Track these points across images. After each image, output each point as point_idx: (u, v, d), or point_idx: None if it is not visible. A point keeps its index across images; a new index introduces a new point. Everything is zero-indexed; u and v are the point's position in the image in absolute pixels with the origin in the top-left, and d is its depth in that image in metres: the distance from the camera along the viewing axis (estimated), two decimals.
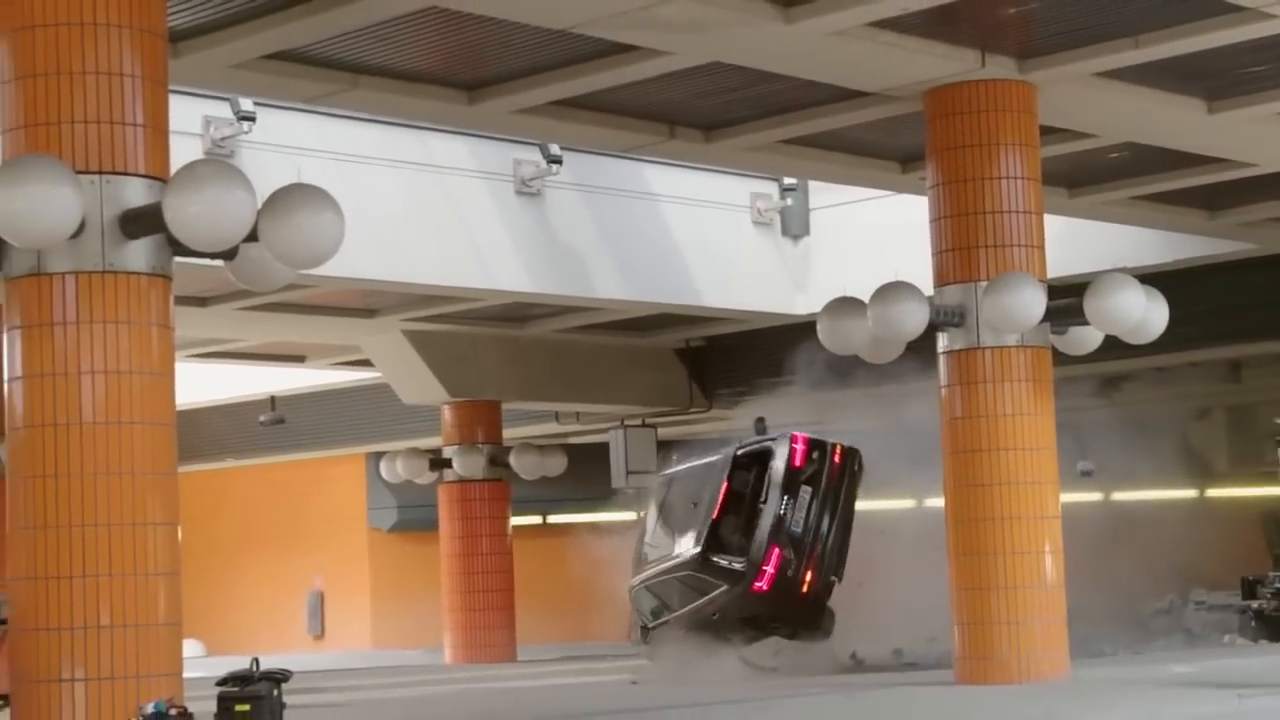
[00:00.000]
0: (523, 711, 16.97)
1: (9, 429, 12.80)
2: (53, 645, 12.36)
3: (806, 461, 20.82)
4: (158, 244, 12.68)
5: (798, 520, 20.34)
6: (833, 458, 21.06)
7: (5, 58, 12.77)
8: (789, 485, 20.60)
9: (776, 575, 19.98)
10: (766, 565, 20.00)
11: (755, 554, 20.08)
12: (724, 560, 20.18)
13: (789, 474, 20.67)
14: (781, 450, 20.87)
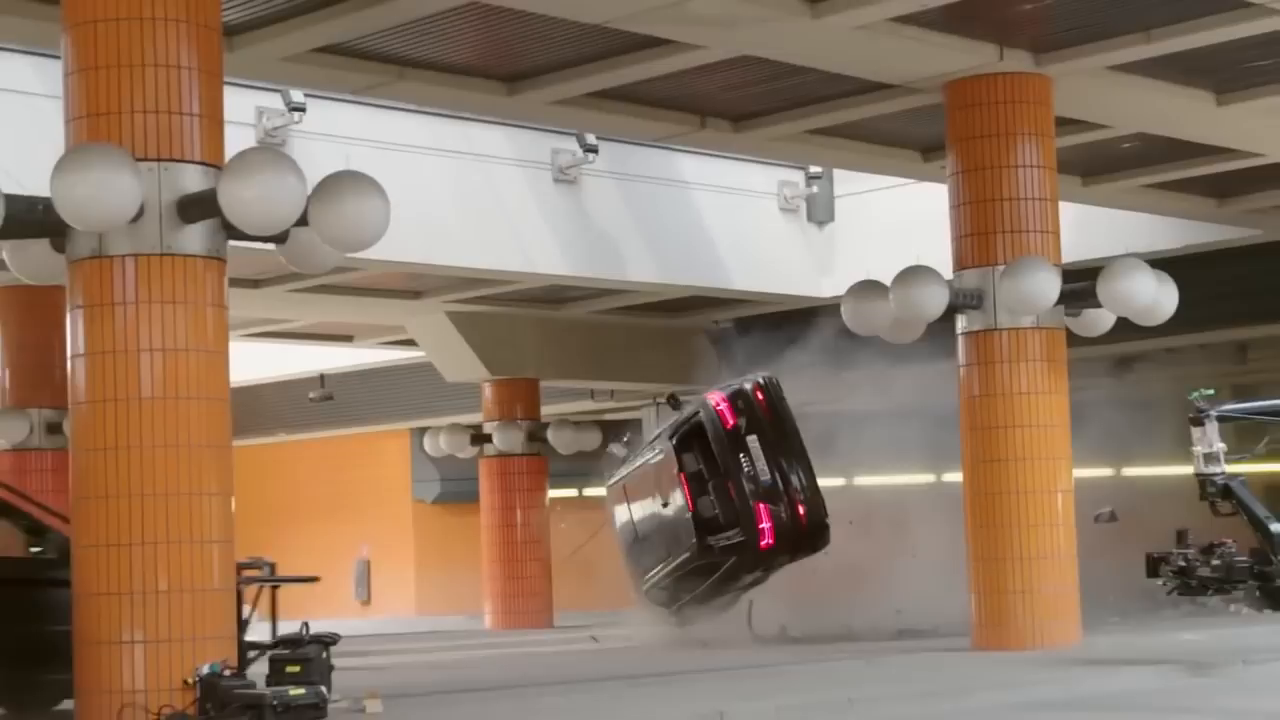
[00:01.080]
0: (557, 673, 17.01)
1: (72, 404, 12.88)
2: (114, 609, 12.43)
3: (737, 415, 20.26)
4: (213, 228, 12.73)
5: (762, 470, 19.98)
6: (757, 399, 20.47)
7: (69, 51, 12.83)
8: (736, 444, 20.08)
9: (774, 525, 19.81)
10: (761, 524, 19.79)
11: (746, 520, 19.78)
12: (721, 539, 19.92)
13: (730, 435, 20.11)
14: (709, 417, 20.32)
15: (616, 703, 13.41)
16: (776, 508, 19.82)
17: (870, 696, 13.57)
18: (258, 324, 28.86)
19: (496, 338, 28.29)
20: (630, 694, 14.19)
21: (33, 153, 14.30)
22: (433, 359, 29.59)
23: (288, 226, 12.88)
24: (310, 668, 12.68)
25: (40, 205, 12.57)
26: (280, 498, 38.90)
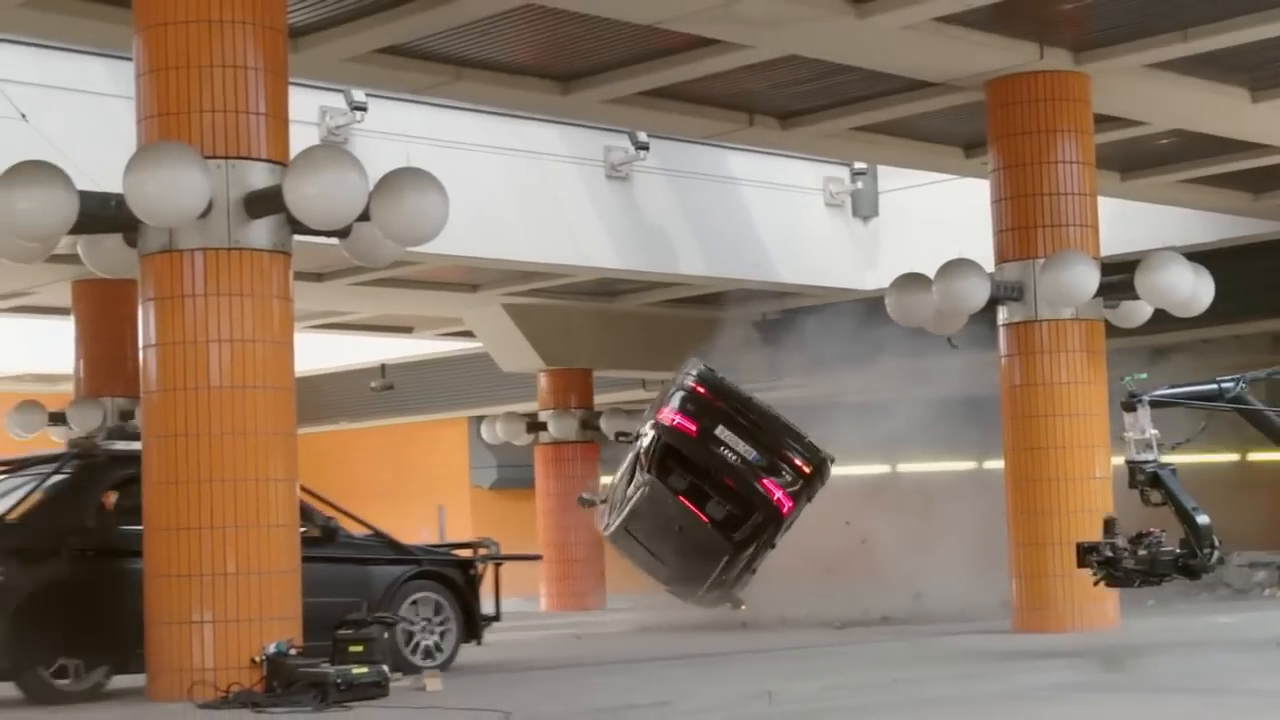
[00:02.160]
0: (608, 653, 17.01)
1: (144, 392, 12.93)
2: (184, 590, 12.49)
3: (695, 419, 19.69)
4: (278, 223, 12.78)
5: (745, 451, 19.63)
6: (702, 395, 19.99)
7: (141, 53, 12.88)
8: (709, 444, 19.56)
9: (784, 489, 19.67)
10: (774, 496, 19.62)
11: (759, 501, 19.56)
12: (747, 528, 19.77)
13: (699, 440, 19.56)
14: (673, 437, 19.67)
15: (668, 682, 13.39)
16: (778, 475, 19.68)
17: (914, 677, 13.52)
18: (321, 316, 28.93)
19: (551, 329, 28.30)
20: (678, 674, 14.18)
21: (106, 151, 14.35)
22: (490, 350, 29.62)
23: (350, 222, 12.92)
24: (372, 647, 12.72)
25: (113, 201, 12.65)
26: (343, 484, 38.95)
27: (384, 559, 15.29)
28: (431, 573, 15.52)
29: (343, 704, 11.80)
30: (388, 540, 15.55)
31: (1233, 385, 13.98)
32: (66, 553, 13.30)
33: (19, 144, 15.51)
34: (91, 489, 13.97)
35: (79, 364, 24.26)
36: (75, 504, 13.80)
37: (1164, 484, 13.69)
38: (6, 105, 17.19)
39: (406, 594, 15.17)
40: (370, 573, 15.05)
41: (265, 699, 11.94)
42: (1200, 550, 13.80)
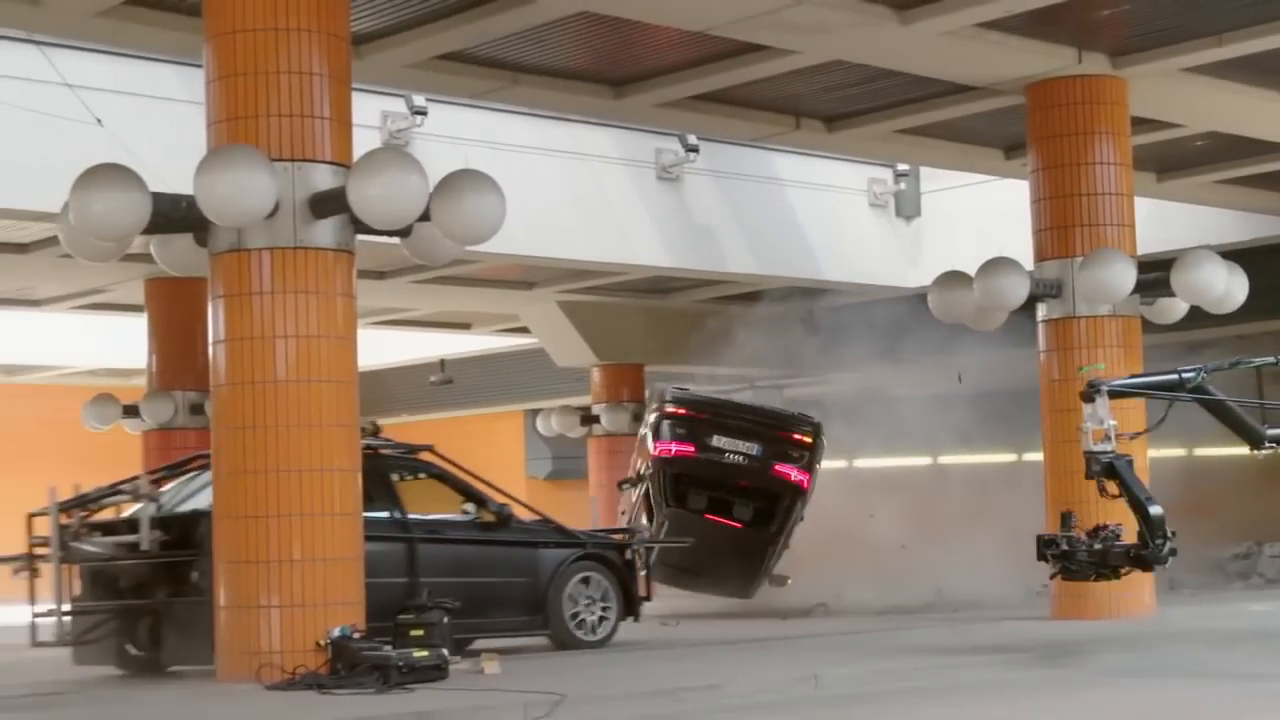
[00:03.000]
0: (659, 637, 17.01)
1: (213, 386, 13.00)
2: (252, 576, 12.55)
3: (689, 441, 19.78)
4: (342, 223, 12.82)
5: (748, 449, 19.75)
6: (685, 415, 20.04)
7: (210, 60, 12.94)
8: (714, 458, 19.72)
9: (798, 468, 19.63)
10: (791, 477, 19.61)
11: (781, 488, 19.69)
12: (780, 516, 19.74)
13: (702, 459, 19.70)
14: (679, 467, 19.79)
15: (717, 666, 13.39)
16: (786, 457, 19.64)
17: (956, 663, 13.48)
18: (383, 313, 29.03)
19: (604, 325, 28.33)
20: (726, 658, 14.17)
21: (177, 155, 14.41)
22: (545, 345, 29.66)
23: (411, 221, 12.95)
24: (433, 631, 12.75)
25: (184, 203, 12.71)
26: None
27: (552, 542, 16.03)
28: (594, 555, 16.21)
29: (404, 686, 11.82)
30: (555, 525, 16.29)
31: (1193, 375, 13.39)
32: None
33: (95, 148, 15.59)
34: None
35: (151, 359, 24.38)
36: None
37: (1119, 474, 13.16)
38: (83, 111, 17.30)
39: (572, 574, 15.90)
40: (539, 555, 15.83)
41: (330, 681, 11.98)
42: (1152, 541, 13.23)
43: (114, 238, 12.99)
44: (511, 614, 15.60)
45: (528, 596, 15.67)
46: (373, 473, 14.58)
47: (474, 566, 15.34)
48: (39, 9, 14.82)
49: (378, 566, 13.93)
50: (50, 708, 11.44)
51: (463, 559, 15.29)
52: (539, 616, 15.72)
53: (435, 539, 15.13)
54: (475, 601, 14.80)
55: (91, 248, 13.37)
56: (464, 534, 15.49)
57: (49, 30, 16.33)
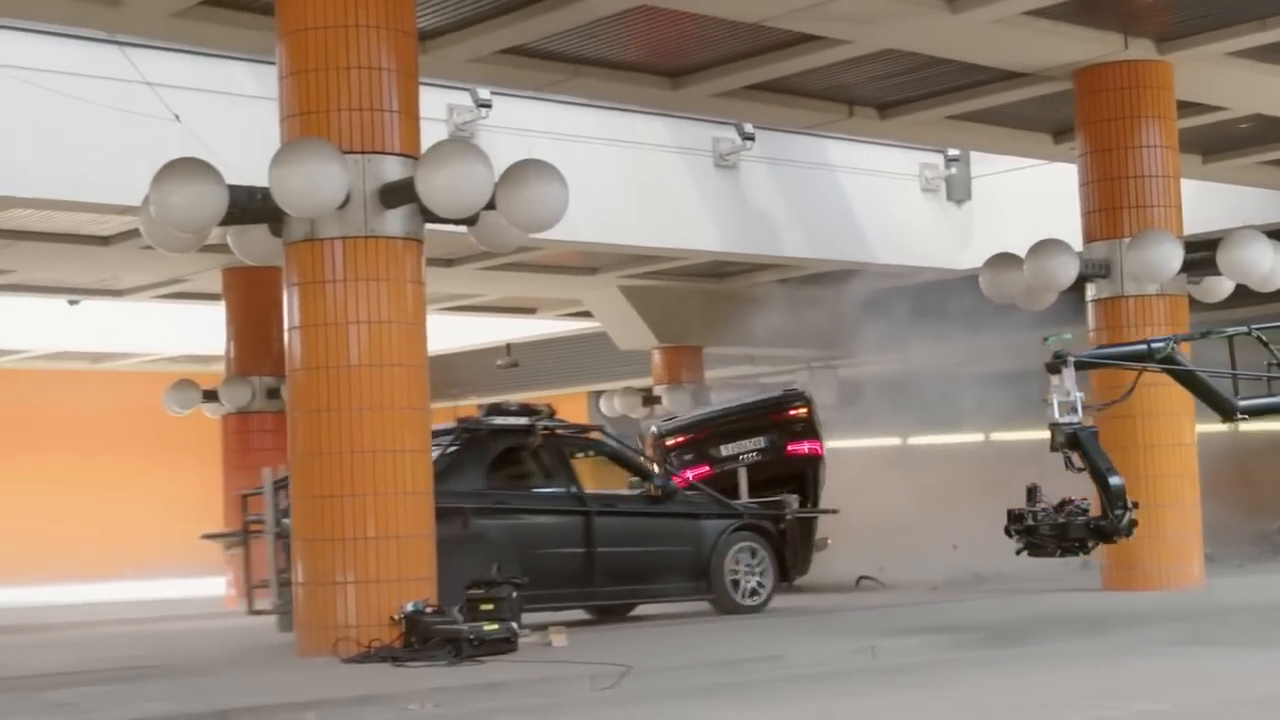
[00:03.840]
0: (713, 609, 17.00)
1: (289, 371, 13.06)
2: (328, 553, 12.61)
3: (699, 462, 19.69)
4: (411, 212, 12.84)
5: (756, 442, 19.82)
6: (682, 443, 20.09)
7: (283, 57, 12.98)
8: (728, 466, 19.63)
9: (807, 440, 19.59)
10: (805, 450, 19.56)
11: (802, 464, 19.71)
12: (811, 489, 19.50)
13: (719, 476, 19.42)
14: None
15: (777, 637, 13.37)
16: (792, 435, 19.63)
17: (1009, 633, 13.41)
18: (451, 299, 29.08)
19: (664, 309, 28.31)
20: (788, 629, 14.15)
21: (252, 148, 14.49)
22: (607, 329, 29.66)
23: (478, 210, 12.96)
24: (502, 606, 12.78)
25: (259, 194, 12.76)
26: None
27: (713, 514, 16.56)
28: (751, 525, 16.74)
29: (475, 658, 11.86)
30: (714, 497, 16.82)
31: (1163, 345, 12.93)
32: (467, 511, 14.68)
33: (173, 143, 15.69)
34: (482, 456, 15.39)
35: (229, 345, 24.52)
36: (471, 469, 15.22)
37: (1081, 445, 12.60)
38: (162, 107, 17.41)
39: (732, 543, 16.48)
40: (702, 526, 16.40)
41: (404, 654, 12.04)
42: (1112, 512, 12.71)
43: (193, 229, 13.05)
44: (677, 581, 16.26)
45: (692, 565, 16.28)
46: (551, 451, 15.80)
47: (643, 537, 16.02)
48: (119, 10, 14.91)
49: (557, 537, 15.29)
50: (134, 680, 11.53)
51: (633, 530, 15.98)
52: (702, 583, 16.33)
53: (609, 512, 15.82)
54: (644, 569, 15.94)
55: (171, 239, 13.43)
56: (634, 507, 16.20)
57: (129, 30, 16.41)
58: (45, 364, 33.74)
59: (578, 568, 15.35)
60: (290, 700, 9.94)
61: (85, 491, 35.16)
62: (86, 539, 34.49)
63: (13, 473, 34.72)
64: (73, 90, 17.67)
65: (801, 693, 10.31)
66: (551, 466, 15.82)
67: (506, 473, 15.67)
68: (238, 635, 16.35)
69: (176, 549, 33.22)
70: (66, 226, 21.71)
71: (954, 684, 10.59)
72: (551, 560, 15.04)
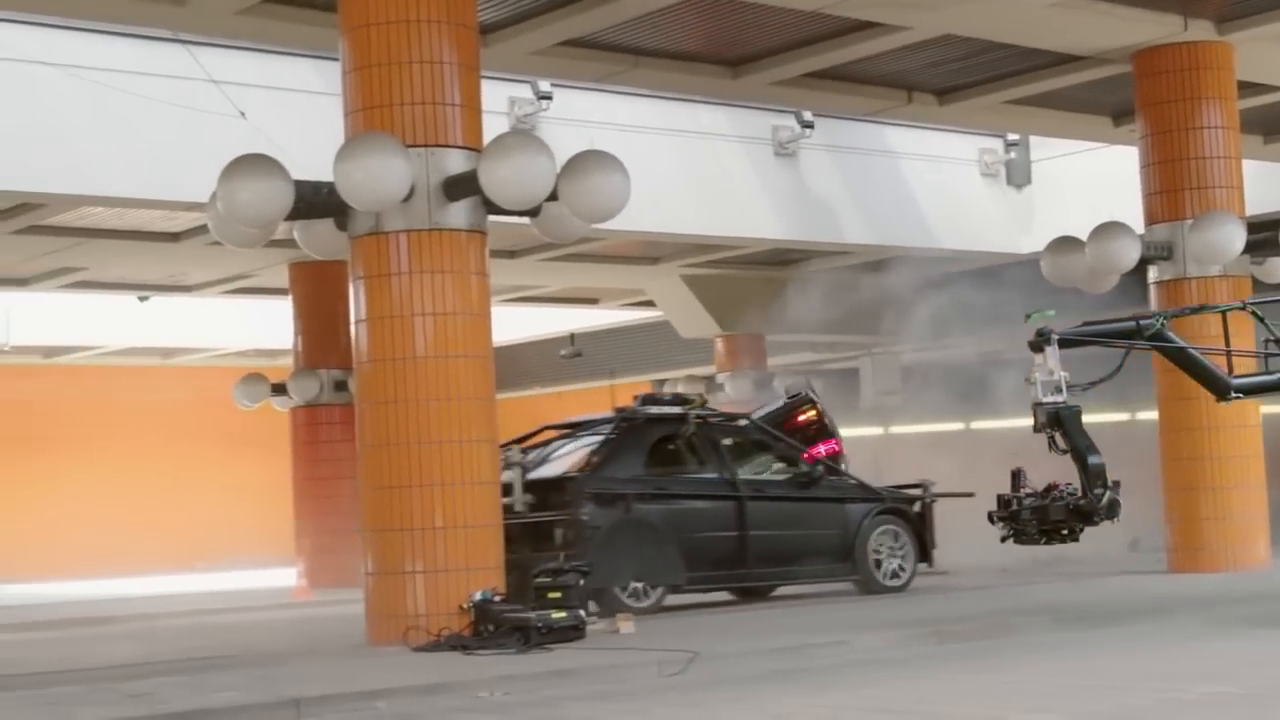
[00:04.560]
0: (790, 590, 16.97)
1: (356, 364, 13.10)
2: (397, 543, 12.65)
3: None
4: (474, 205, 12.85)
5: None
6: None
7: (346, 52, 13.01)
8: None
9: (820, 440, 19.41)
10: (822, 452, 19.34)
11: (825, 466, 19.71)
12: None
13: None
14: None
15: (841, 621, 13.31)
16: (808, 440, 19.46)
17: (1076, 614, 13.31)
18: (515, 290, 29.15)
19: (726, 297, 28.26)
20: (851, 612, 14.10)
21: (316, 144, 14.54)
22: (669, 317, 29.65)
23: (540, 201, 12.97)
24: (569, 594, 12.78)
25: (325, 189, 12.80)
26: None
27: (856, 498, 17.01)
28: (892, 509, 17.14)
29: (543, 646, 11.88)
30: (858, 482, 17.19)
31: (1152, 322, 12.50)
32: (629, 496, 15.34)
33: (239, 140, 15.77)
34: (640, 444, 15.99)
35: (297, 339, 24.64)
36: (630, 457, 15.84)
37: (1062, 423, 12.18)
38: (227, 105, 17.49)
39: (875, 526, 16.92)
40: (846, 509, 16.84)
41: (473, 642, 12.06)
42: (1091, 492, 12.31)
43: (259, 224, 13.10)
44: (823, 562, 16.72)
45: (838, 547, 16.71)
46: (704, 439, 16.34)
47: (792, 520, 16.48)
48: (184, 9, 14.99)
49: (713, 521, 15.87)
50: (207, 670, 11.60)
51: (783, 514, 16.46)
52: (847, 564, 16.77)
53: (760, 496, 16.30)
54: (793, 552, 16.46)
55: (238, 234, 13.49)
56: (783, 491, 16.66)
57: (194, 29, 16.50)
58: (116, 360, 34.02)
59: (732, 550, 15.95)
60: (361, 689, 9.97)
61: (156, 485, 35.46)
62: (158, 531, 34.79)
63: (86, 467, 35.05)
64: (140, 90, 17.80)
65: (866, 677, 10.27)
66: (704, 453, 16.35)
67: (662, 459, 16.18)
68: (308, 625, 16.44)
69: (246, 540, 33.55)
70: (136, 224, 21.88)
71: (1020, 667, 10.53)
72: (708, 543, 15.76)
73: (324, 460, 24.05)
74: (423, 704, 9.81)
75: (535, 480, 15.40)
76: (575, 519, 14.91)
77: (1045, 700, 9.00)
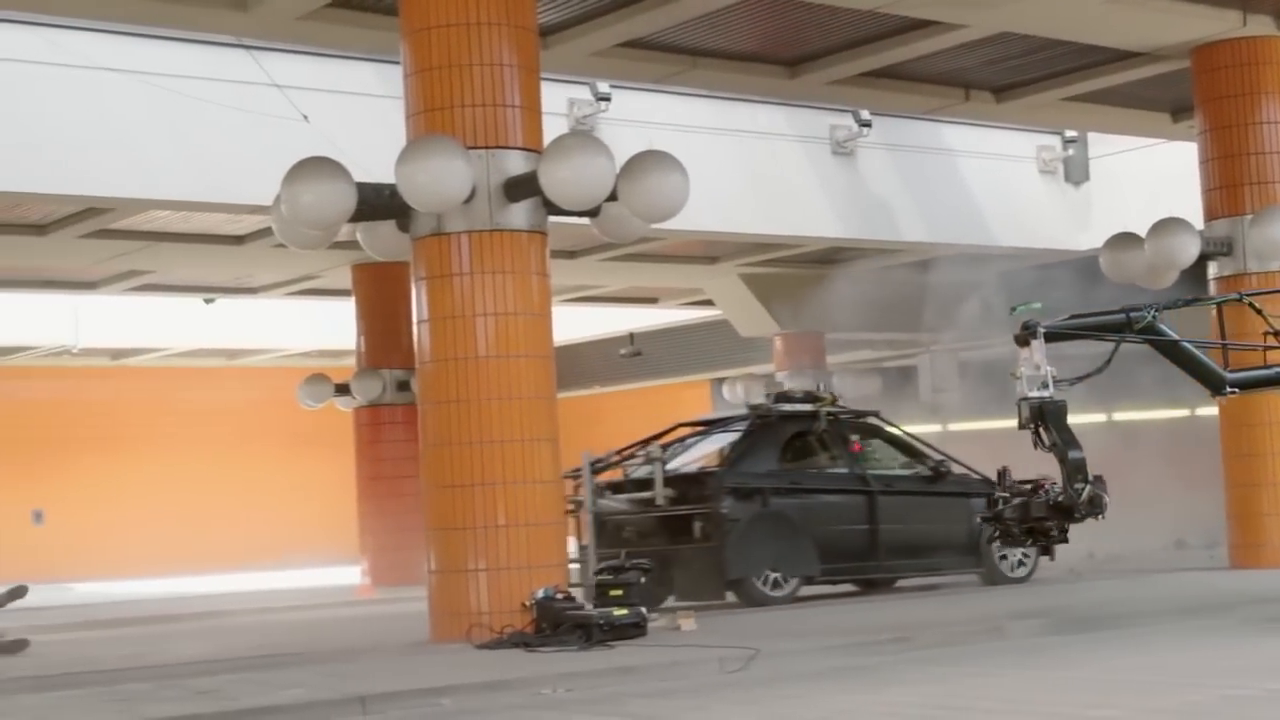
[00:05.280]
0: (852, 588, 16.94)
1: (419, 364, 13.13)
2: (460, 542, 12.67)
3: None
4: (535, 205, 12.86)
5: None
6: None
7: (408, 55, 13.04)
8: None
9: None
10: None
11: None
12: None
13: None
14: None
15: (905, 616, 13.26)
16: None
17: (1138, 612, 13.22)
18: (575, 290, 29.17)
19: (785, 295, 28.20)
20: (916, 607, 14.04)
21: (378, 146, 14.56)
22: (728, 316, 29.60)
23: (600, 202, 12.97)
24: (630, 591, 12.78)
25: (387, 191, 12.84)
26: (598, 443, 39.30)
27: (980, 492, 16.51)
28: None
29: (605, 643, 11.87)
30: (982, 476, 16.98)
31: (1143, 314, 12.07)
32: (765, 490, 15.80)
33: (302, 143, 15.82)
34: (774, 440, 16.40)
35: (360, 339, 24.75)
36: (765, 452, 16.27)
37: (1044, 418, 11.79)
38: (290, 109, 17.57)
39: None
40: (971, 503, 16.60)
41: (536, 639, 12.07)
42: (1071, 486, 11.94)
43: (323, 226, 13.16)
44: (949, 555, 17.01)
45: (963, 540, 16.88)
46: (835, 435, 16.79)
47: (920, 514, 16.80)
48: (247, 15, 15.07)
49: (846, 515, 16.27)
50: (273, 667, 11.65)
51: (911, 508, 16.78)
52: (972, 557, 16.98)
53: (889, 491, 16.64)
54: (922, 545, 16.80)
55: (302, 237, 13.55)
56: (910, 486, 16.98)
57: (256, 34, 16.58)
58: (183, 361, 34.28)
59: (864, 543, 16.32)
60: (426, 685, 10.00)
61: (222, 484, 35.69)
62: (224, 530, 35.01)
63: (153, 467, 35.31)
64: (205, 95, 17.91)
65: (930, 674, 10.22)
66: (835, 449, 16.80)
67: (795, 455, 16.59)
68: (372, 623, 16.50)
69: (311, 539, 33.71)
70: (202, 227, 22.02)
71: (1083, 663, 10.45)
72: (840, 536, 16.14)
73: (387, 459, 24.15)
74: (486, 700, 9.82)
75: (675, 475, 15.86)
76: (715, 512, 15.37)
77: (1107, 696, 8.92)
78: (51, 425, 34.68)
